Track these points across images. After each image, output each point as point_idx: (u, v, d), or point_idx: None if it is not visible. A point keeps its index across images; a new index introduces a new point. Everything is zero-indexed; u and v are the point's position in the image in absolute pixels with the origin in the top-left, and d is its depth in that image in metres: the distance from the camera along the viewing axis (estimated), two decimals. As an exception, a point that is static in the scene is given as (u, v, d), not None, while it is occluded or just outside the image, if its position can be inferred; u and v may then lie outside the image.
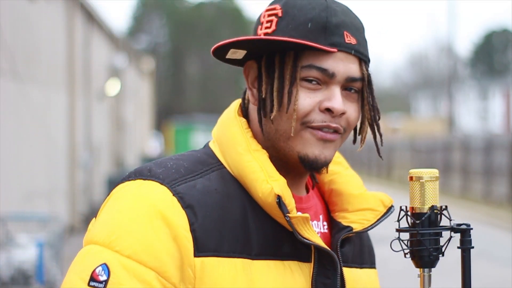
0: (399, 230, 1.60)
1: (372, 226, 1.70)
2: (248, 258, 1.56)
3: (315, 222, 1.69)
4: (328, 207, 1.75)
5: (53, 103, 14.67)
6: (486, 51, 66.25)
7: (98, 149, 19.50)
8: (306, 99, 1.59)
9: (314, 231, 1.60)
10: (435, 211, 1.57)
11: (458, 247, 1.59)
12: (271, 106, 1.60)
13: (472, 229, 1.60)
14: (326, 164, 1.63)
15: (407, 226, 1.60)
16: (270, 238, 1.58)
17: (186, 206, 1.54)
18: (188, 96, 53.67)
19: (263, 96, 1.61)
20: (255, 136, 1.65)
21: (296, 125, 1.59)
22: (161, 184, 1.55)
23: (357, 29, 1.64)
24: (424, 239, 1.56)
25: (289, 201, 1.57)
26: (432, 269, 1.59)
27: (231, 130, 1.64)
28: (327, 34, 1.59)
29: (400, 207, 1.60)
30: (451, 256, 2.16)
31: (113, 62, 21.16)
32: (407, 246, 1.59)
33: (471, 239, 1.59)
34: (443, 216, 1.59)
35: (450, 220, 1.59)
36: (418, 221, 1.57)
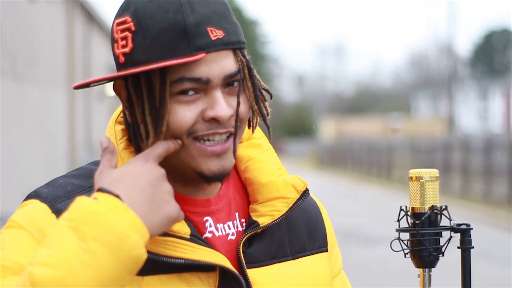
0: (399, 230, 1.60)
1: (283, 216, 1.56)
2: (137, 275, 1.40)
3: (229, 222, 1.55)
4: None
5: (53, 103, 14.67)
6: (486, 51, 66.28)
7: (98, 149, 19.52)
8: (186, 113, 1.43)
9: (195, 245, 1.46)
10: (435, 211, 1.57)
11: (458, 247, 1.60)
12: (145, 131, 1.45)
13: (472, 229, 1.61)
14: (227, 173, 1.49)
15: (407, 226, 1.59)
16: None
17: None
18: (188, 96, 53.63)
19: (138, 122, 1.46)
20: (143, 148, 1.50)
21: (182, 140, 1.44)
22: (42, 202, 1.47)
23: (221, 15, 1.45)
24: (424, 239, 1.56)
25: None
26: (432, 269, 1.59)
27: None
28: (190, 38, 1.41)
29: (400, 207, 1.60)
30: (451, 256, 2.16)
31: (113, 62, 21.16)
32: (407, 246, 1.59)
33: (471, 239, 1.59)
34: (443, 216, 1.59)
35: (450, 220, 1.59)
36: (418, 221, 1.57)
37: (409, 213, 1.59)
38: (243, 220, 1.57)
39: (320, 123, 61.76)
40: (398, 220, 1.60)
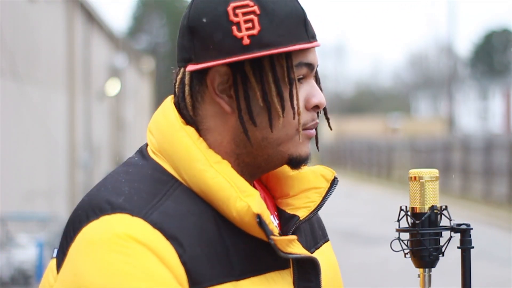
0: (399, 230, 1.60)
1: (319, 206, 1.56)
2: (233, 280, 1.42)
3: (271, 216, 1.51)
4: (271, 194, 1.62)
5: (53, 103, 14.67)
6: (486, 51, 66.22)
7: (98, 149, 19.50)
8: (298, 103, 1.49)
9: (298, 243, 1.49)
10: (435, 211, 1.57)
11: (458, 247, 1.59)
12: (270, 114, 1.46)
13: (472, 229, 1.60)
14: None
15: (407, 226, 1.59)
16: (248, 254, 1.45)
17: (169, 237, 1.38)
18: (188, 96, 53.64)
19: (261, 104, 1.46)
20: (210, 145, 1.48)
21: (291, 131, 1.48)
22: (133, 216, 1.38)
23: None
24: (424, 239, 1.56)
25: (267, 216, 1.43)
26: (432, 269, 1.59)
27: (181, 142, 1.46)
28: (307, 26, 1.49)
29: (400, 207, 1.60)
30: (451, 256, 2.16)
31: (113, 62, 21.16)
32: (407, 246, 1.58)
33: (471, 239, 1.59)
34: (443, 216, 1.59)
35: (450, 220, 1.59)
36: (418, 221, 1.57)
37: (409, 213, 1.59)
38: (276, 213, 1.58)
39: (320, 123, 61.61)
40: (398, 220, 1.60)
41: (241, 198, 1.42)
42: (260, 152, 1.49)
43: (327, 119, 1.62)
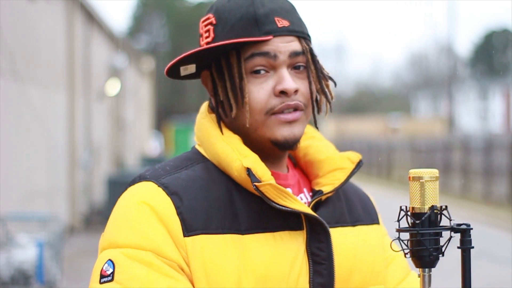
0: (399, 230, 1.60)
1: (343, 183, 1.80)
2: (237, 234, 1.66)
3: (301, 195, 1.80)
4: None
5: (53, 103, 14.67)
6: (486, 51, 66.19)
7: (98, 149, 19.49)
8: (259, 91, 1.71)
9: (295, 198, 1.69)
10: (435, 211, 1.57)
11: (458, 247, 1.59)
12: (229, 105, 1.73)
13: (472, 229, 1.60)
14: (297, 141, 1.74)
15: (407, 226, 1.59)
16: (257, 214, 1.69)
17: (171, 193, 1.67)
18: (188, 96, 53.66)
19: (221, 99, 1.74)
20: (227, 127, 1.77)
21: (259, 117, 1.71)
22: (148, 181, 1.71)
23: (287, 11, 1.75)
24: (424, 239, 1.56)
25: (262, 173, 1.67)
26: (432, 269, 1.59)
27: (205, 125, 1.78)
28: (260, 25, 1.71)
29: (400, 207, 1.60)
30: (451, 256, 2.16)
31: (113, 62, 21.14)
32: (407, 246, 1.59)
33: (471, 239, 1.59)
34: (443, 216, 1.59)
35: (450, 220, 1.59)
36: (418, 221, 1.57)
37: (409, 213, 1.59)
38: (310, 194, 1.82)
39: (320, 123, 61.57)
40: (398, 220, 1.60)
41: (239, 159, 1.68)
42: (249, 136, 1.74)
43: (330, 105, 1.82)
